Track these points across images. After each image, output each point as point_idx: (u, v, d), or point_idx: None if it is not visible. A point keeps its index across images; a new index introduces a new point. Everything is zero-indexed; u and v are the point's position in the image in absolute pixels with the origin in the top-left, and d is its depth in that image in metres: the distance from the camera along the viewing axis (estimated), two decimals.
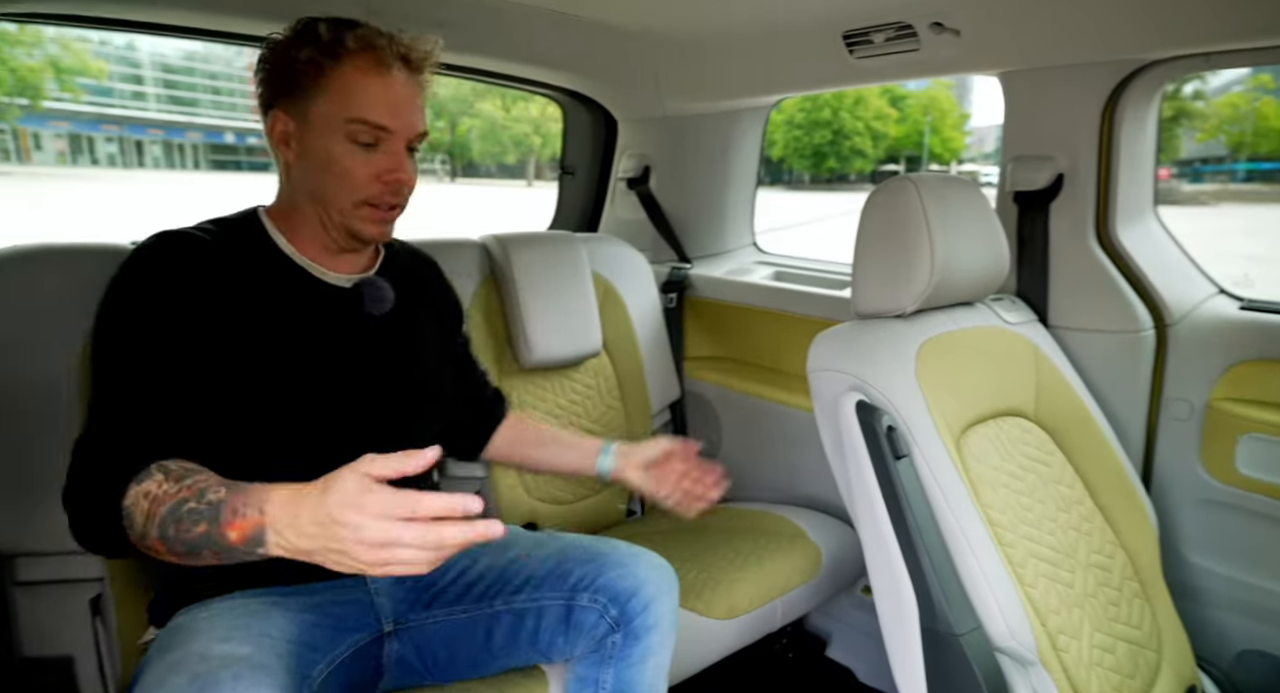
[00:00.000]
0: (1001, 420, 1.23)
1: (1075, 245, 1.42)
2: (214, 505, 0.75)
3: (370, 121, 0.95)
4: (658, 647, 1.08)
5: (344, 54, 0.95)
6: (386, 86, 0.96)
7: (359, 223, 1.00)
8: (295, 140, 0.98)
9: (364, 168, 0.97)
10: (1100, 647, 1.09)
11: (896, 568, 1.02)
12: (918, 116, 31.73)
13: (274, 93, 0.98)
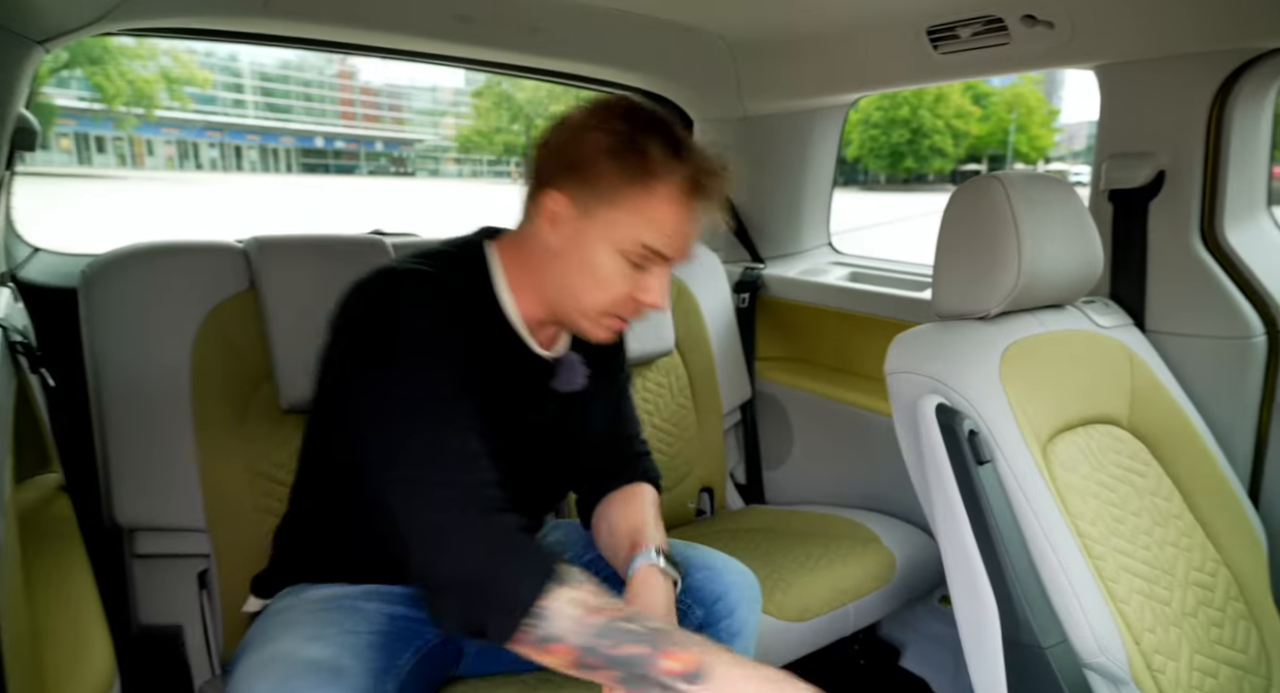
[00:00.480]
0: (1092, 428, 1.18)
1: (1177, 246, 1.35)
2: (654, 632, 0.77)
3: (656, 250, 0.92)
4: (741, 653, 1.08)
5: (661, 183, 0.90)
6: (685, 220, 0.92)
7: (592, 327, 0.98)
8: (567, 229, 0.92)
9: (626, 285, 0.93)
10: (1201, 670, 1.03)
11: (977, 576, 0.99)
12: (1002, 114, 30.53)
13: (562, 176, 0.92)
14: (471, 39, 1.57)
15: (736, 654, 0.78)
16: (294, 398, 1.31)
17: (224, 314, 1.31)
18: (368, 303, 0.88)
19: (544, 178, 0.94)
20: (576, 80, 1.90)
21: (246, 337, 1.31)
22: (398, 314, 0.85)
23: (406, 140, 55.44)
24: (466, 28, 1.53)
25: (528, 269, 0.97)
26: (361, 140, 53.05)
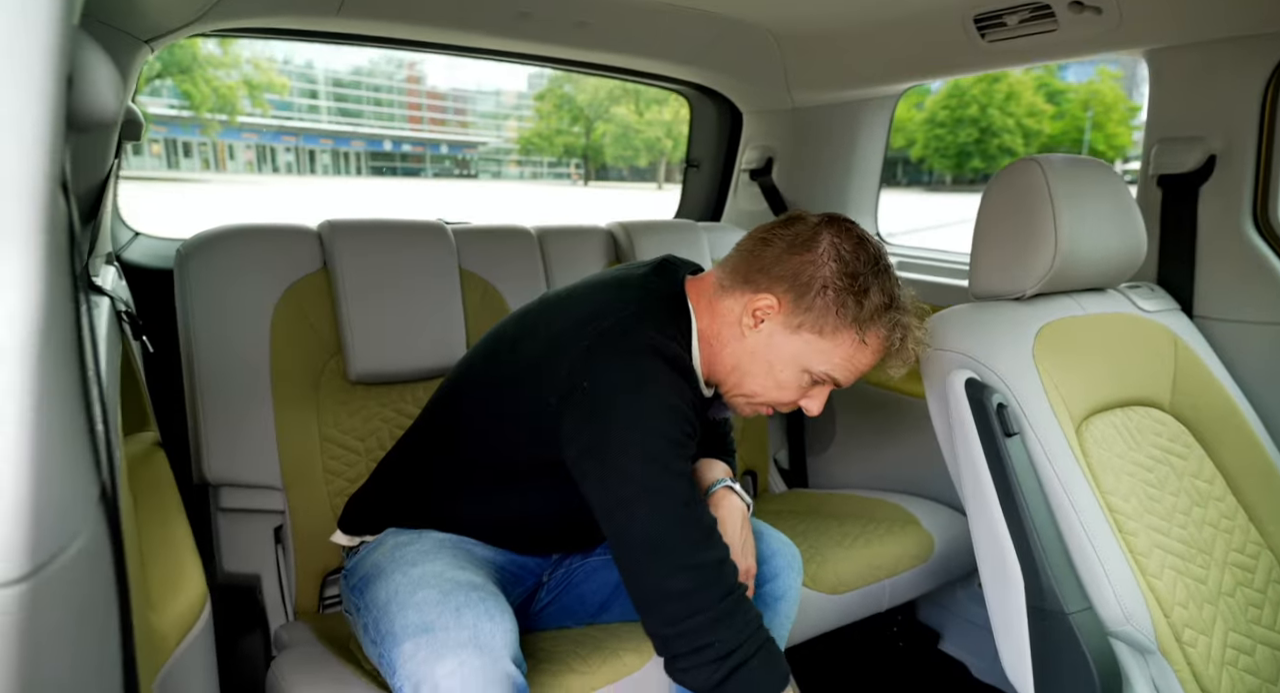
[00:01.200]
0: (1131, 410, 1.19)
1: (1228, 231, 1.34)
2: None
3: (836, 381, 1.02)
4: (783, 618, 1.14)
5: (870, 333, 0.99)
6: (871, 364, 1.03)
7: (744, 407, 1.07)
8: (767, 331, 1.00)
9: (795, 394, 1.04)
10: (1236, 647, 1.03)
11: (1002, 543, 1.01)
12: (1077, 112, 29.36)
13: (784, 285, 0.99)
14: (530, 35, 1.66)
15: None
16: (361, 370, 1.42)
17: (300, 291, 1.42)
18: (622, 383, 0.93)
19: (763, 275, 1.00)
20: (630, 74, 1.97)
21: (319, 313, 1.43)
22: (650, 398, 0.92)
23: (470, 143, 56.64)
24: (526, 24, 1.61)
25: (712, 336, 1.04)
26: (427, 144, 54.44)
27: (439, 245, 1.52)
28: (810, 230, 1.00)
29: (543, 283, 1.67)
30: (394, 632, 0.91)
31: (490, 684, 0.84)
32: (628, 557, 0.90)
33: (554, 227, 1.75)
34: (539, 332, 1.04)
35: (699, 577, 0.88)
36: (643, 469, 0.90)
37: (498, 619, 0.90)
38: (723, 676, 0.87)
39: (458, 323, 1.51)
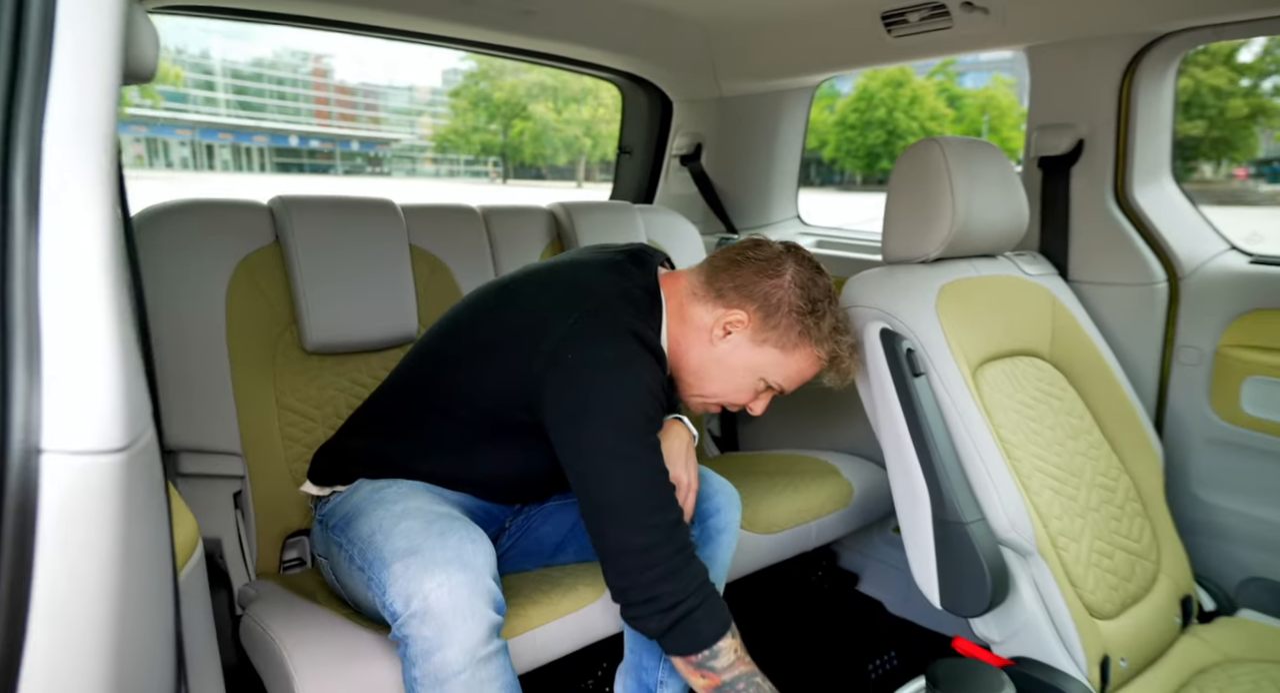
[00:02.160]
0: (1018, 359, 1.37)
1: (1094, 205, 1.55)
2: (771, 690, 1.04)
3: (785, 390, 1.20)
4: (723, 551, 1.27)
5: (822, 349, 1.16)
6: (811, 376, 1.20)
7: (694, 403, 1.23)
8: (734, 339, 1.16)
9: (748, 398, 1.20)
10: (1099, 552, 1.22)
11: (912, 467, 1.17)
12: (975, 116, 31.05)
13: (754, 304, 1.14)
14: (471, 20, 1.73)
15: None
16: (316, 341, 1.46)
17: (253, 264, 1.45)
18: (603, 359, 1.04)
19: (733, 292, 1.15)
20: (566, 62, 2.06)
21: (273, 286, 1.46)
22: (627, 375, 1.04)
23: (383, 140, 55.06)
24: (467, 9, 1.69)
25: (681, 335, 1.18)
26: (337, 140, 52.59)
27: (389, 222, 1.58)
28: (777, 256, 1.18)
29: (489, 259, 1.74)
30: (382, 556, 0.98)
31: (474, 596, 0.93)
32: (596, 517, 1.01)
33: (498, 206, 1.83)
34: (523, 303, 1.14)
35: (657, 535, 0.99)
36: (619, 440, 1.01)
37: (479, 543, 0.99)
38: (670, 623, 0.99)
39: (409, 296, 1.57)
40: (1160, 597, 1.27)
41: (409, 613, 0.92)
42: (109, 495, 0.49)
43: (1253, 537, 1.43)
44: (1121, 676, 1.15)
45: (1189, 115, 24.65)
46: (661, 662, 1.22)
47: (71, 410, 0.47)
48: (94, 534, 0.48)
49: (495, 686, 0.95)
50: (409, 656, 0.93)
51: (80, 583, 0.48)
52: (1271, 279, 1.41)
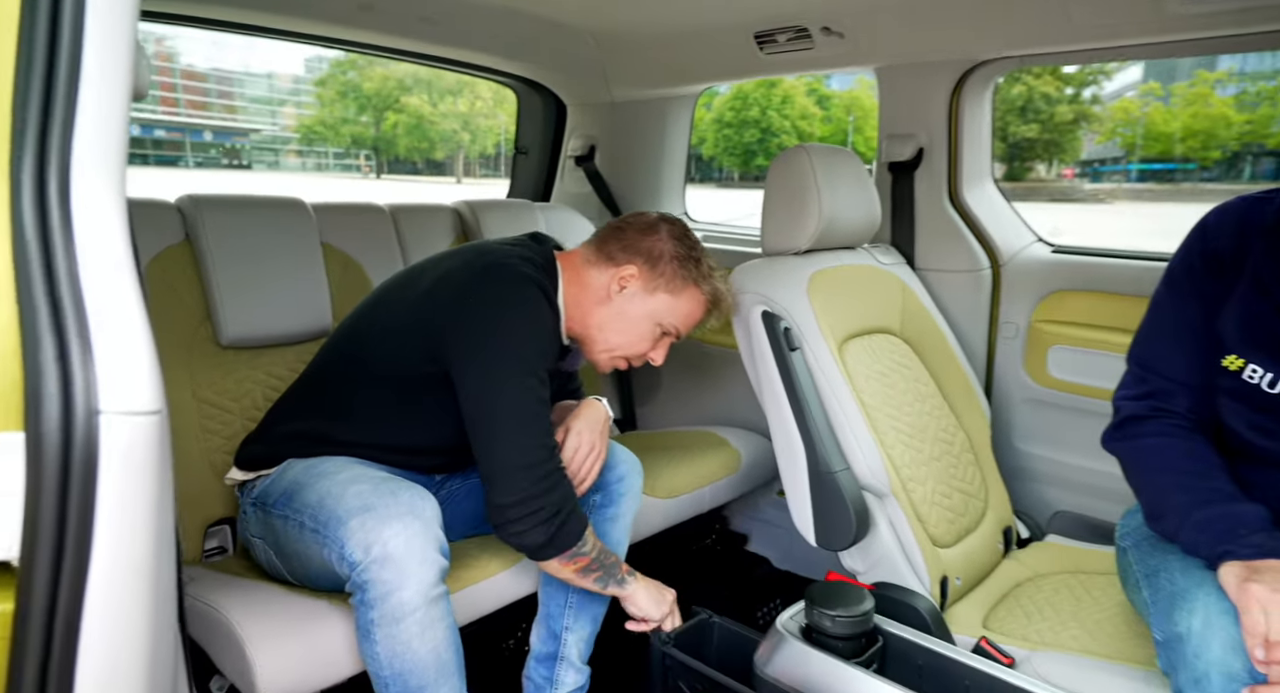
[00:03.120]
0: (875, 336, 1.61)
1: (933, 204, 1.82)
2: (614, 564, 1.28)
3: (680, 333, 1.36)
4: (626, 511, 1.42)
5: (703, 290, 1.34)
6: (703, 316, 1.38)
7: (603, 360, 1.36)
8: (629, 291, 1.31)
9: (649, 345, 1.36)
10: (939, 493, 1.47)
11: (791, 428, 1.38)
12: (841, 116, 32.82)
13: (640, 258, 1.31)
14: (371, 26, 1.80)
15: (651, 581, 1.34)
16: (232, 336, 1.51)
17: (164, 262, 1.48)
18: (506, 296, 1.20)
19: (620, 252, 1.33)
20: (463, 66, 2.15)
21: (185, 283, 1.49)
22: (526, 311, 1.20)
23: (241, 130, 51.47)
24: (368, 16, 1.76)
25: (581, 297, 1.33)
26: (187, 130, 48.69)
27: (301, 220, 1.63)
28: (652, 221, 1.36)
29: (399, 256, 1.82)
30: (338, 515, 1.08)
31: (427, 543, 1.05)
32: (487, 437, 1.15)
33: (405, 205, 1.91)
34: (430, 271, 1.28)
35: (538, 455, 1.15)
36: (510, 370, 1.16)
37: (427, 498, 1.11)
38: (552, 531, 1.16)
39: (323, 292, 1.63)
40: (987, 529, 1.54)
41: (370, 559, 1.02)
42: (152, 450, 0.58)
43: (1058, 478, 1.74)
44: (957, 592, 1.40)
45: (1025, 119, 27.11)
46: (567, 609, 1.37)
47: (119, 378, 0.56)
48: (142, 484, 0.58)
49: (443, 624, 1.07)
50: (367, 600, 1.04)
51: (130, 523, 0.58)
52: (1068, 265, 1.72)
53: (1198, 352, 1.08)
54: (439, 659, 1.09)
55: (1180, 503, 1.00)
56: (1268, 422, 1.01)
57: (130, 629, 0.61)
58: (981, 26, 1.59)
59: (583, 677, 1.39)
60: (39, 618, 0.55)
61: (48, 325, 0.55)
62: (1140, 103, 27.90)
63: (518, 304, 1.19)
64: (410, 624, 1.04)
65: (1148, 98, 27.76)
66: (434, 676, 1.09)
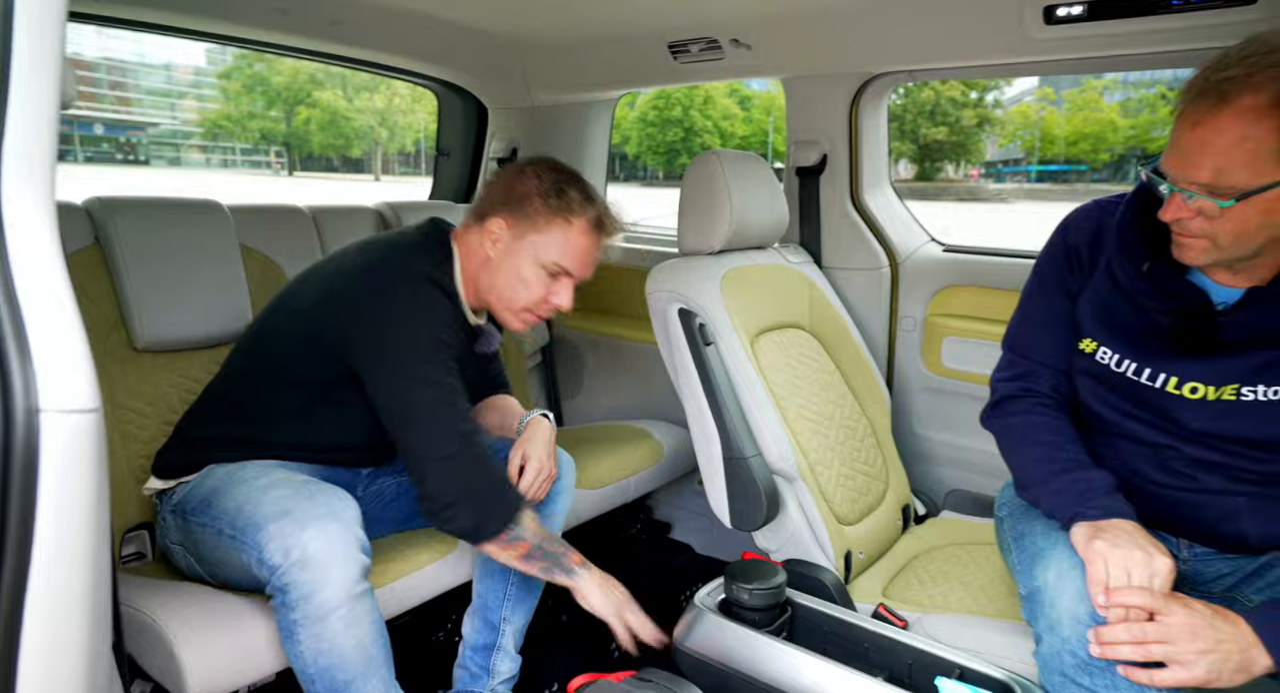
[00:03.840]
0: (785, 331, 1.72)
1: (837, 207, 1.95)
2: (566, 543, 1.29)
3: (565, 268, 1.31)
4: (561, 510, 1.50)
5: (577, 218, 1.29)
6: (591, 247, 1.33)
7: (512, 319, 1.35)
8: (502, 246, 1.29)
9: (543, 290, 1.32)
10: (844, 475, 1.59)
11: (707, 417, 1.47)
12: (761, 117, 33.53)
13: (504, 207, 1.28)
14: (289, 29, 1.79)
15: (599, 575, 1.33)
16: (148, 340, 1.49)
17: (73, 267, 1.43)
18: (393, 296, 1.21)
19: (489, 207, 1.31)
20: (383, 69, 2.16)
21: (96, 287, 1.47)
22: (416, 307, 1.21)
23: (137, 124, 48.55)
24: (285, 18, 1.75)
25: (469, 267, 1.33)
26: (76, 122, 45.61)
27: (217, 222, 1.62)
28: (520, 165, 1.35)
29: (319, 257, 1.82)
30: (256, 521, 1.09)
31: (347, 545, 1.07)
32: (404, 432, 1.18)
33: (326, 206, 1.91)
34: (324, 270, 1.30)
35: (456, 445, 1.18)
36: (414, 363, 1.19)
37: (346, 500, 1.13)
38: (479, 517, 1.19)
39: (242, 294, 1.63)
40: (888, 507, 1.67)
41: (290, 563, 1.05)
42: (91, 447, 0.61)
43: (953, 459, 1.89)
44: (860, 565, 1.52)
45: (934, 122, 28.33)
46: (505, 601, 1.42)
47: (57, 377, 0.59)
48: (82, 481, 0.61)
49: (368, 619, 1.10)
50: (289, 601, 1.06)
51: (70, 517, 0.60)
52: (957, 263, 1.87)
53: (1060, 337, 1.21)
54: (364, 654, 1.11)
55: (1041, 472, 1.13)
56: (1115, 398, 1.15)
57: (70, 624, 0.64)
58: (874, 43, 1.72)
59: (515, 665, 1.44)
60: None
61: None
62: (1037, 107, 29.63)
63: (402, 302, 1.21)
64: (334, 622, 1.06)
65: (1043, 103, 29.50)
66: (360, 670, 1.11)
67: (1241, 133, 0.88)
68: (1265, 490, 1.07)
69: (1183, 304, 1.05)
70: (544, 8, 1.81)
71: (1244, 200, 0.91)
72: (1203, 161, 0.92)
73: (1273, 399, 1.02)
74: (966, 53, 1.61)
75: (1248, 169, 0.90)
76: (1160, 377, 1.09)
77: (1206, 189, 0.93)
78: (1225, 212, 0.93)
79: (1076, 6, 1.38)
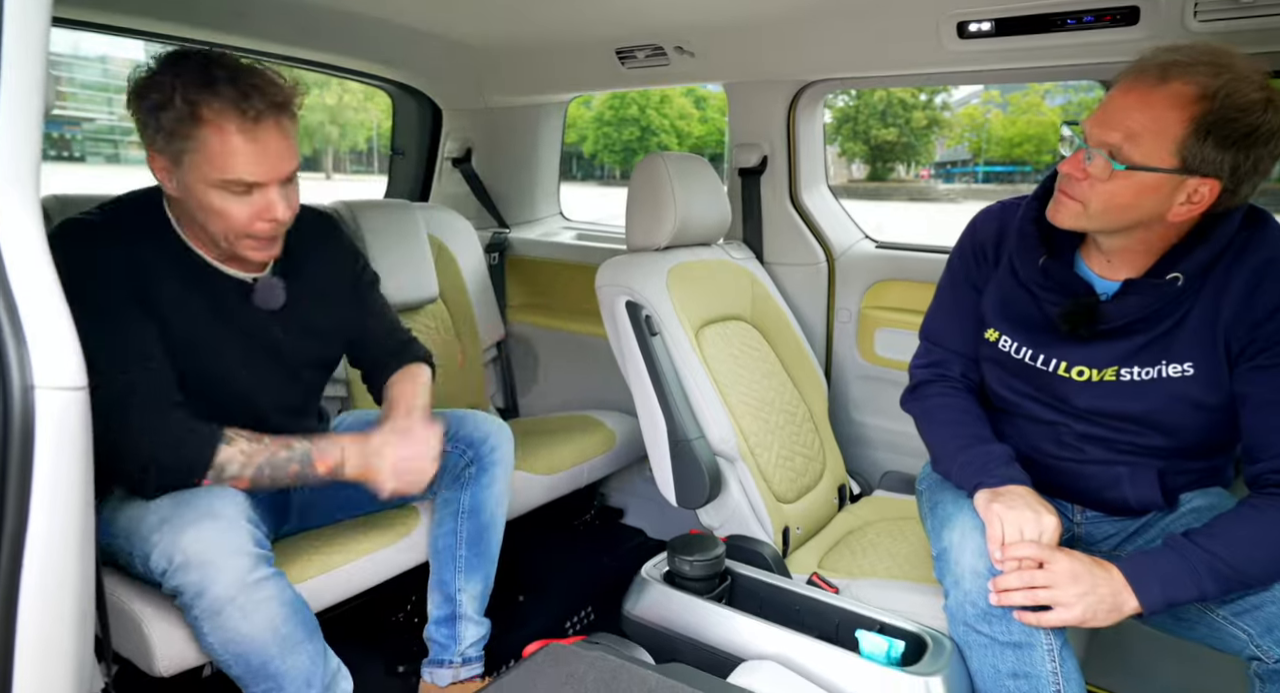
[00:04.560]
0: (728, 322, 1.82)
1: (777, 206, 2.06)
2: (304, 451, 1.20)
3: (241, 180, 1.09)
4: (501, 476, 1.54)
5: (209, 123, 1.05)
6: (251, 145, 1.07)
7: (245, 250, 1.17)
8: (174, 181, 1.11)
9: (245, 211, 1.12)
10: (783, 457, 1.70)
11: (654, 404, 1.56)
12: (717, 117, 33.81)
13: (146, 137, 1.09)
14: (245, 31, 1.83)
15: (370, 432, 1.25)
16: None
17: None
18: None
19: (144, 141, 1.11)
20: (339, 71, 2.20)
21: None
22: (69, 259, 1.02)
23: (72, 119, 46.79)
24: (241, 21, 1.79)
25: (187, 216, 1.17)
26: None
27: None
28: (137, 82, 1.10)
29: None
30: (140, 533, 1.11)
31: (231, 540, 1.09)
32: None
33: None
34: None
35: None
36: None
37: (227, 496, 1.14)
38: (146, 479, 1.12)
39: None
40: (824, 486, 1.79)
41: (174, 567, 1.07)
42: (81, 423, 0.68)
43: (886, 442, 2.02)
44: (797, 540, 1.63)
45: (885, 123, 28.92)
46: (458, 573, 1.49)
47: (49, 357, 0.66)
48: (73, 453, 0.67)
49: (272, 603, 1.12)
50: (185, 602, 1.09)
51: (64, 487, 0.67)
52: (888, 258, 2.00)
53: (969, 327, 1.34)
54: (276, 634, 1.13)
55: (951, 448, 1.25)
56: (1015, 382, 1.28)
57: (63, 588, 0.70)
58: (808, 53, 1.83)
59: (483, 629, 1.52)
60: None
61: None
62: (984, 110, 30.46)
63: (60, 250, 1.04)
64: (231, 613, 1.09)
65: (989, 105, 30.33)
66: (275, 650, 1.14)
67: (1162, 112, 1.00)
68: (1141, 460, 1.21)
69: (1070, 294, 1.18)
70: (496, 15, 1.88)
71: (1130, 172, 1.03)
72: (1120, 124, 1.03)
73: (1144, 379, 1.16)
74: (890, 63, 1.74)
75: (1149, 146, 1.01)
76: (1052, 362, 1.22)
77: (1110, 150, 1.04)
78: (1114, 175, 1.04)
79: (985, 23, 1.51)
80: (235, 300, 1.25)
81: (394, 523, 1.52)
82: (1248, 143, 0.99)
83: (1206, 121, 0.98)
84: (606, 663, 1.10)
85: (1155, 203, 1.05)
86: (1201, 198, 1.03)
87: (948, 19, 1.54)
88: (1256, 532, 1.03)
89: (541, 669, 1.10)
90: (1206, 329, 1.11)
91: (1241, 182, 1.02)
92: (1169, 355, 1.14)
